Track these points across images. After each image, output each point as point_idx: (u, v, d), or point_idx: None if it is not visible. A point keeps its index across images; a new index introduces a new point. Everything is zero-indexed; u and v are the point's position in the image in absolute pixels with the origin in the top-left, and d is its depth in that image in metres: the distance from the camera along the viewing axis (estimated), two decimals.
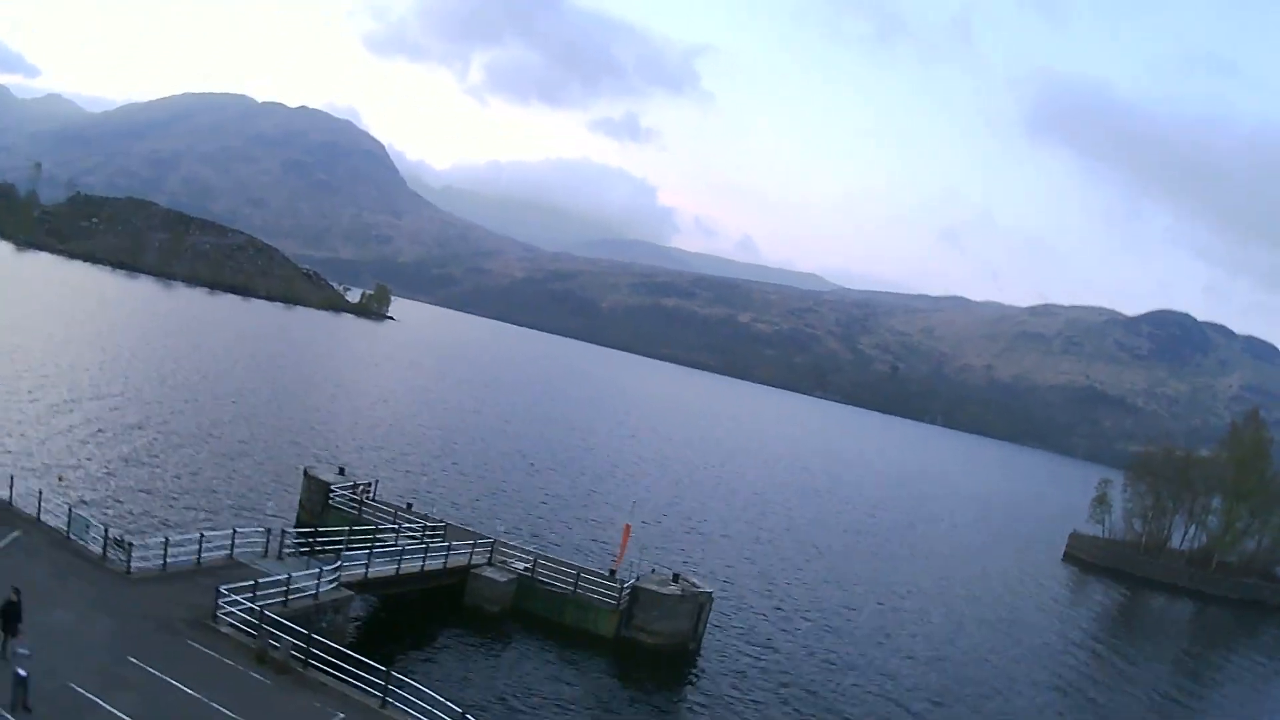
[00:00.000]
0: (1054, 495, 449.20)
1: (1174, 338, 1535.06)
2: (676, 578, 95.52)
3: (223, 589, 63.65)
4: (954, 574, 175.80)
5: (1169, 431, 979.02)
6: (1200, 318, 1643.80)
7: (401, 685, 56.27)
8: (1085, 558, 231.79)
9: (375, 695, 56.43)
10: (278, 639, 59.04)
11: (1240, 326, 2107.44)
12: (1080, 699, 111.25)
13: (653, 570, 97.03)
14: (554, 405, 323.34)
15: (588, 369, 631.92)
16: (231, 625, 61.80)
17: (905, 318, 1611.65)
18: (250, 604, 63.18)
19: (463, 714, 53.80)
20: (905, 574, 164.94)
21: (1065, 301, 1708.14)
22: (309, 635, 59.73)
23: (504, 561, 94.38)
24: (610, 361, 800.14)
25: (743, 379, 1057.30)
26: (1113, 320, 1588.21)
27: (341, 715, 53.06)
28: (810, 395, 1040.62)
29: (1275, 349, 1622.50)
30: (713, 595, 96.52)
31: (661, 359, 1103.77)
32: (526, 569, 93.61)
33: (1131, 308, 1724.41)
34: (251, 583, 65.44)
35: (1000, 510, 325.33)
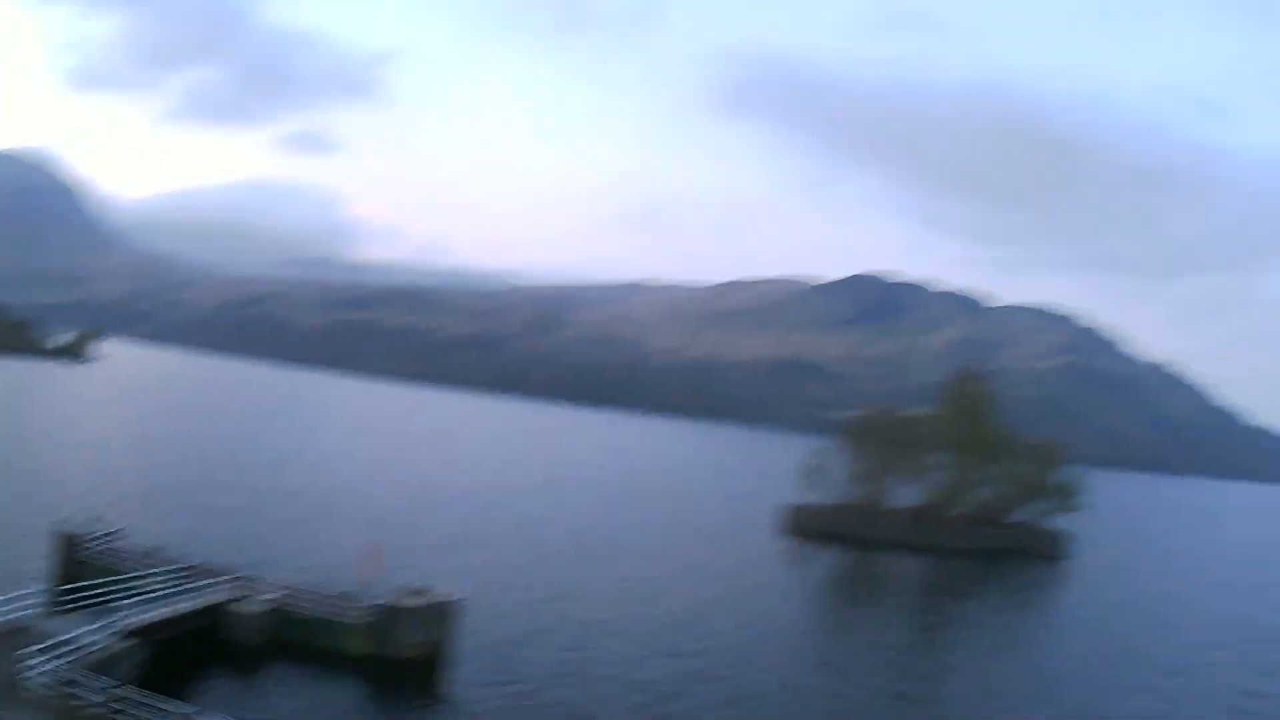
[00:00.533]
0: (767, 469, 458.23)
1: (875, 300, 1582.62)
2: (421, 590, 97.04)
3: (20, 654, 63.74)
4: (680, 559, 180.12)
5: (878, 393, 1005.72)
6: (904, 277, 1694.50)
7: None
8: (807, 527, 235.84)
9: None
10: (83, 695, 60.00)
11: (946, 282, 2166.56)
12: (827, 666, 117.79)
13: (397, 586, 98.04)
14: (271, 434, 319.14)
15: (292, 393, 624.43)
16: (37, 689, 61.81)
17: (598, 307, 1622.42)
18: (48, 665, 63.59)
19: None
20: (632, 564, 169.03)
21: (762, 274, 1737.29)
22: (112, 687, 60.82)
23: (257, 594, 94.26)
24: (309, 383, 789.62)
25: (439, 386, 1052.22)
26: (808, 289, 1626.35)
27: None
28: (508, 396, 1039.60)
29: (978, 303, 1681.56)
30: (458, 603, 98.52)
31: (358, 374, 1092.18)
32: (279, 599, 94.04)
33: (832, 274, 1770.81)
34: (43, 644, 65.67)
35: (714, 490, 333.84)
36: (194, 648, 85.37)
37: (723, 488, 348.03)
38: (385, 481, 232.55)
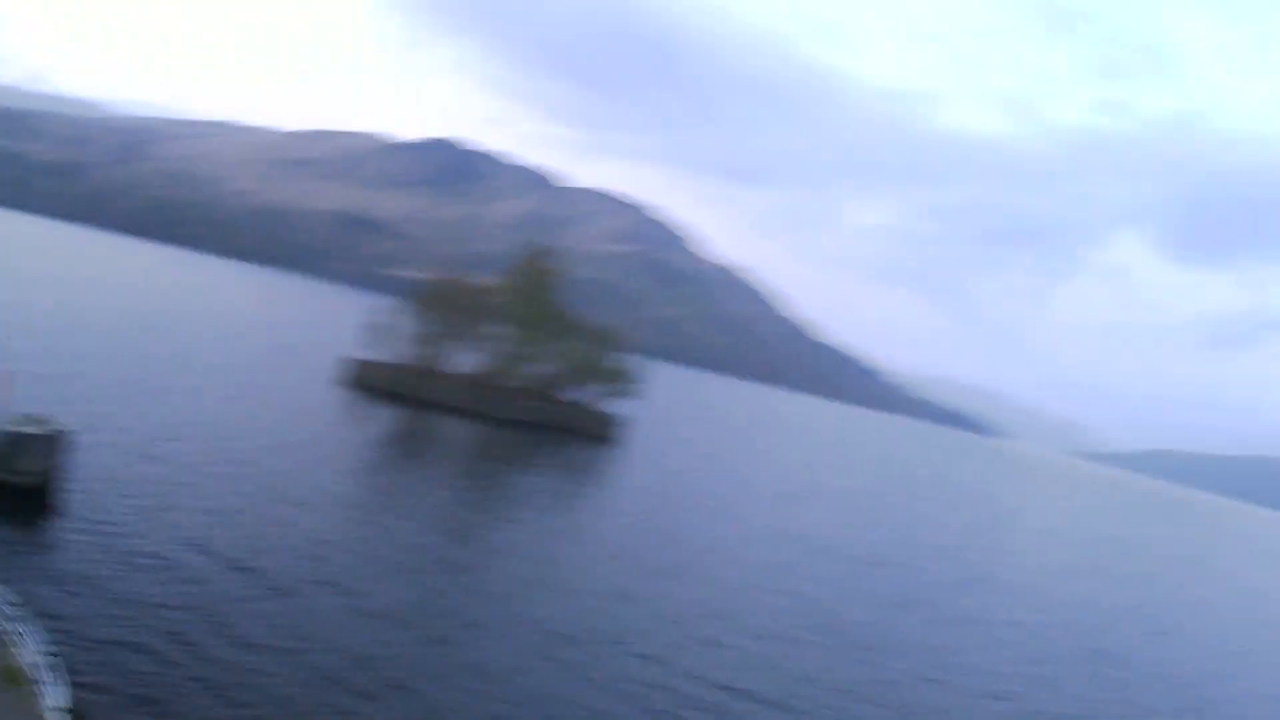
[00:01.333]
0: (331, 321, 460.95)
1: (450, 165, 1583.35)
2: (34, 418, 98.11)
3: None
4: (240, 404, 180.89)
5: (442, 256, 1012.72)
6: (483, 147, 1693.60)
7: None
8: (368, 383, 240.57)
9: None
10: None
11: (524, 157, 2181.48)
12: (369, 521, 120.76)
13: (19, 414, 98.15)
14: None
15: None
16: None
17: (182, 143, 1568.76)
18: None
19: None
20: (209, 410, 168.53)
21: (340, 127, 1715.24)
22: None
23: None
24: None
25: (21, 212, 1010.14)
26: (386, 147, 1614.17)
27: None
28: (88, 225, 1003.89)
29: (552, 180, 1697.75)
30: (70, 431, 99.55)
31: None
32: None
33: (414, 134, 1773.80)
34: None
35: (282, 339, 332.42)
36: None
37: (288, 336, 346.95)
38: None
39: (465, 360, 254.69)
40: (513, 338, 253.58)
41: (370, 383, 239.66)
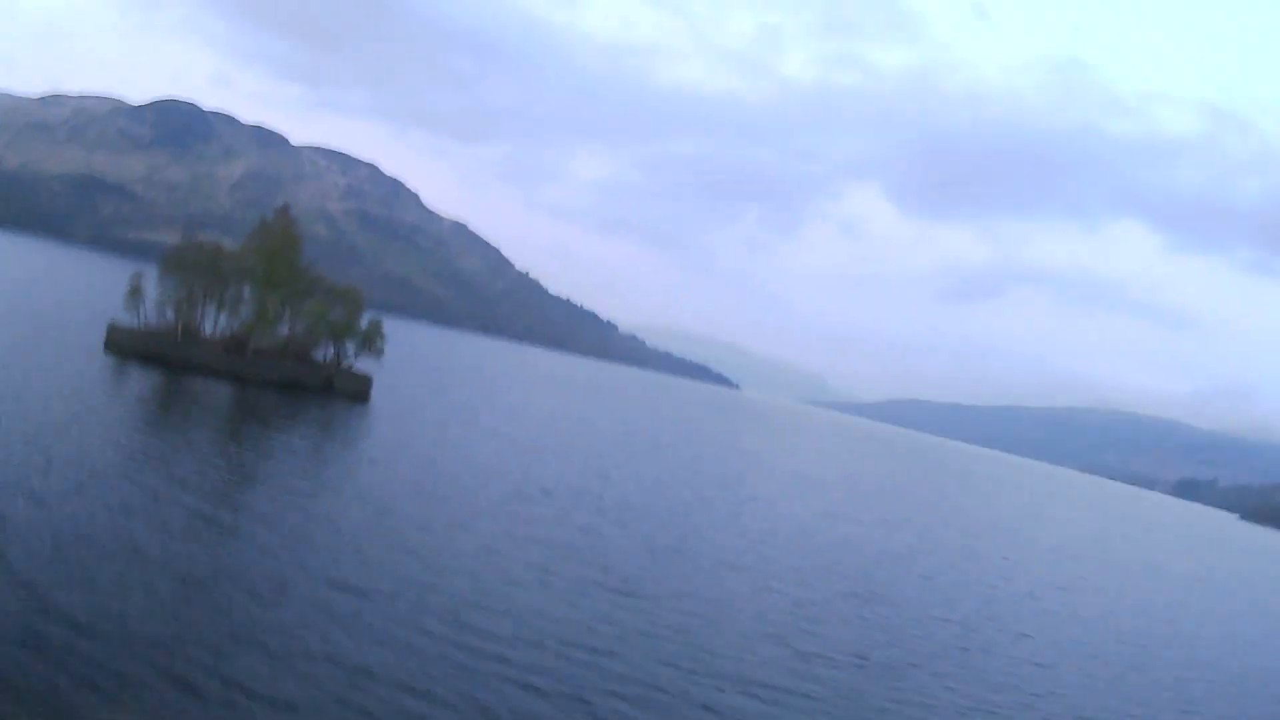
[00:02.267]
0: (74, 285, 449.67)
1: (177, 126, 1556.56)
2: None
3: None
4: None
5: (169, 218, 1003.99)
6: (214, 107, 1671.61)
7: None
8: (126, 348, 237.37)
9: None
10: None
11: (249, 116, 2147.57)
12: (137, 486, 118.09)
13: None
14: None
15: None
16: None
17: None
18: None
19: None
20: None
21: (78, 90, 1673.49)
22: None
23: None
24: None
25: None
26: (119, 109, 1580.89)
27: None
28: None
29: (281, 137, 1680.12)
30: None
31: None
32: None
33: (142, 96, 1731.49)
34: None
35: (26, 303, 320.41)
36: None
37: (35, 303, 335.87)
38: None
39: (218, 323, 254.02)
40: (260, 299, 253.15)
41: (126, 347, 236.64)
